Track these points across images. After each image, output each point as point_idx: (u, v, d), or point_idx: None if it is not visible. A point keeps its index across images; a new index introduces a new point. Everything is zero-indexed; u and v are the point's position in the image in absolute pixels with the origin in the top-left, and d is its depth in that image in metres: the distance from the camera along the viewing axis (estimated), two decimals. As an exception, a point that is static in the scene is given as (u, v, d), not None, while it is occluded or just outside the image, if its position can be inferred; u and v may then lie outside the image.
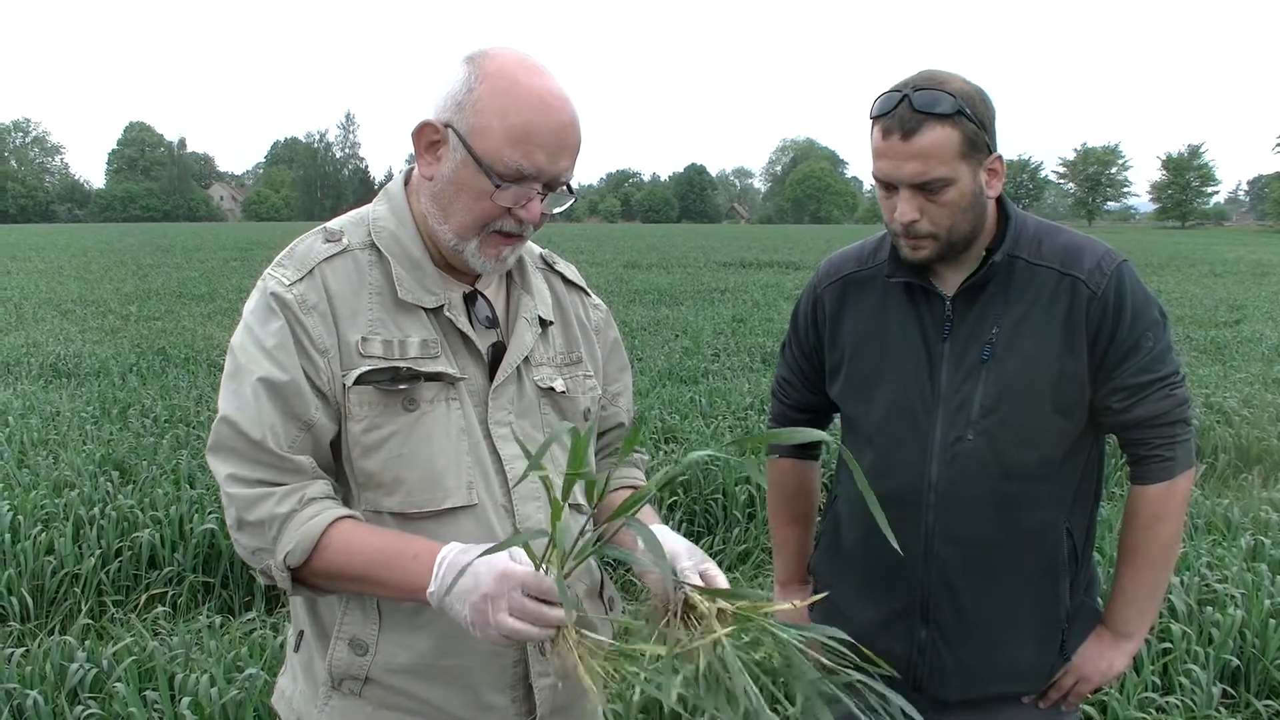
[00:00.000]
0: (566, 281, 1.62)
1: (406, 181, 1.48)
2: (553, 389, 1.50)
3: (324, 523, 1.31)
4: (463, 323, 1.43)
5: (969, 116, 1.61)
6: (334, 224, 1.46)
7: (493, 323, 1.47)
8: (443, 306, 1.42)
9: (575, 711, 1.50)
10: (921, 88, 1.61)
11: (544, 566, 1.20)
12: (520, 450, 1.43)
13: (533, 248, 1.58)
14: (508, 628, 1.18)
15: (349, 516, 1.34)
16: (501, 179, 1.33)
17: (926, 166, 1.61)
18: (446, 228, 1.39)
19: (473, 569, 1.20)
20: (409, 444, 1.36)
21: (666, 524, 1.64)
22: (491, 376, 1.45)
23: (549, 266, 1.62)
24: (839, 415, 1.95)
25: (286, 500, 1.32)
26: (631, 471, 1.68)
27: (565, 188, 1.40)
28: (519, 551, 1.22)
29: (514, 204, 1.35)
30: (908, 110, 1.60)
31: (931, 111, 1.59)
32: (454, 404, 1.40)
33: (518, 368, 1.47)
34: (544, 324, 1.53)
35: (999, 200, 1.75)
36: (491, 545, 1.21)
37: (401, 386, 1.36)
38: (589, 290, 1.66)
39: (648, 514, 1.50)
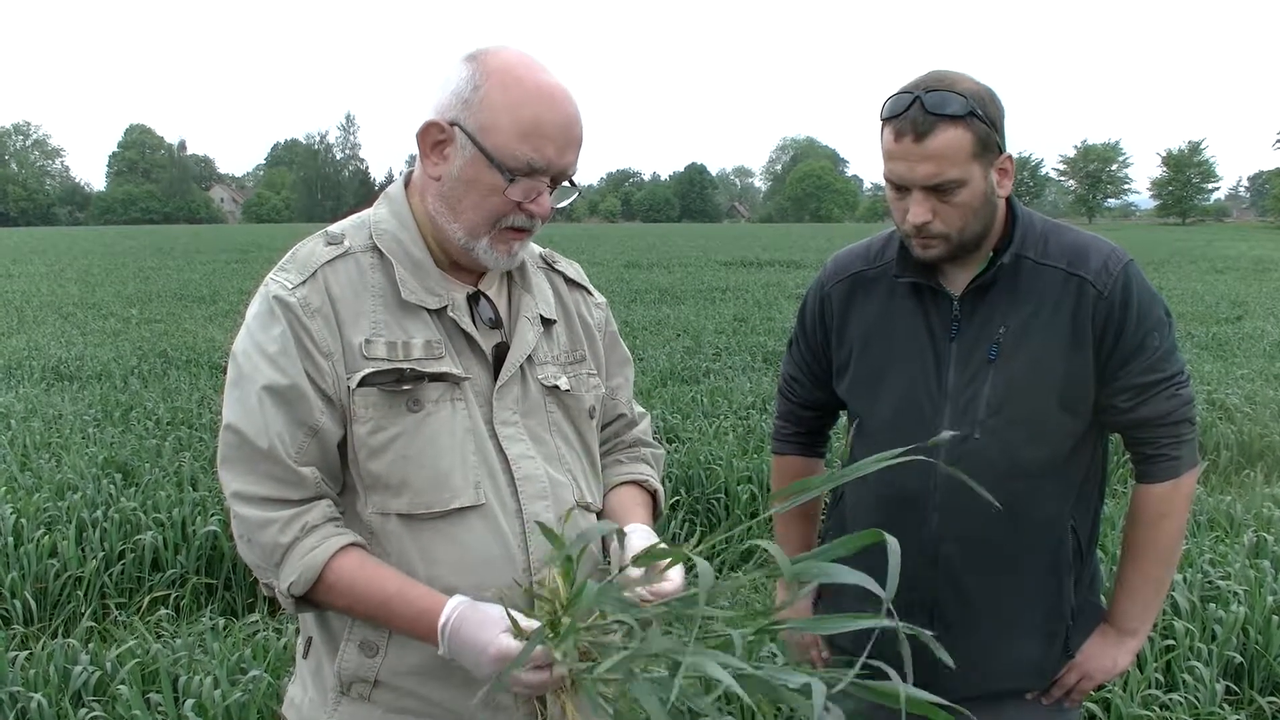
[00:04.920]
0: (568, 280, 1.62)
1: (407, 184, 1.48)
2: (557, 387, 1.50)
3: (325, 555, 1.33)
4: (466, 323, 1.43)
5: (980, 117, 1.61)
6: (335, 228, 1.47)
7: (496, 323, 1.47)
8: (446, 307, 1.42)
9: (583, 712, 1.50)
10: (933, 89, 1.61)
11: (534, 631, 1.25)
12: (528, 449, 1.43)
13: (533, 248, 1.58)
14: (515, 693, 1.28)
15: (351, 544, 1.35)
16: (513, 173, 1.35)
17: (940, 168, 1.61)
18: (457, 226, 1.40)
19: (473, 645, 1.26)
20: (414, 445, 1.36)
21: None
22: (496, 376, 1.45)
23: (550, 266, 1.62)
24: (845, 413, 1.96)
25: (289, 529, 1.33)
26: (639, 467, 1.67)
27: (569, 182, 1.42)
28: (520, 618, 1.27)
29: (524, 198, 1.37)
30: (920, 112, 1.60)
31: (943, 113, 1.59)
32: (459, 404, 1.40)
33: (521, 367, 1.46)
34: (547, 323, 1.53)
35: (1007, 199, 1.75)
36: (491, 607, 1.28)
37: (406, 387, 1.36)
38: (591, 288, 1.66)
39: (641, 532, 1.49)
